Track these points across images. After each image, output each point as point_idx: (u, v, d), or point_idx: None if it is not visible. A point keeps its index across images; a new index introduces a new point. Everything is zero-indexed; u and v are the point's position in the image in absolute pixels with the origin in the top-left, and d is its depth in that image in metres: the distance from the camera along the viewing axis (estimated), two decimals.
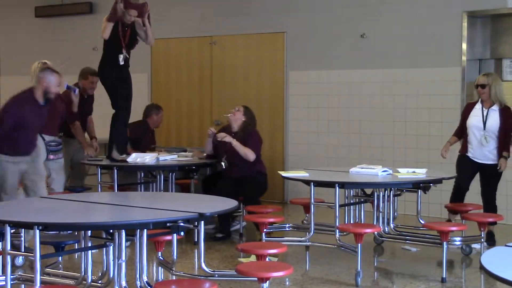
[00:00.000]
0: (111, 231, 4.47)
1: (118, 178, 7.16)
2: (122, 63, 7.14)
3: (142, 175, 7.71)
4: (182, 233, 4.47)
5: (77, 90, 7.47)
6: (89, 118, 8.17)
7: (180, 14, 10.47)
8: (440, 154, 7.12)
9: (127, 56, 7.19)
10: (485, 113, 6.88)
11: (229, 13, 10.07)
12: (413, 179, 6.27)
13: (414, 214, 7.01)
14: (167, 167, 7.34)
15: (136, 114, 8.10)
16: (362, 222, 6.74)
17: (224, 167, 7.50)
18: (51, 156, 7.11)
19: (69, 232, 5.20)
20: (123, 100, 7.29)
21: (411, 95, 8.68)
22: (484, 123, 6.87)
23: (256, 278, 4.36)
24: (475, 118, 6.95)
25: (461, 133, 7.12)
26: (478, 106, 6.97)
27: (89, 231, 4.67)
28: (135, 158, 7.20)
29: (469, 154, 6.97)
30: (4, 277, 4.37)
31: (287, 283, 5.72)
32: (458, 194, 7.04)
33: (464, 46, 8.43)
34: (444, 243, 5.77)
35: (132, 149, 7.86)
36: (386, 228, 6.70)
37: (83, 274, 4.71)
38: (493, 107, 6.88)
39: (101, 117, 8.02)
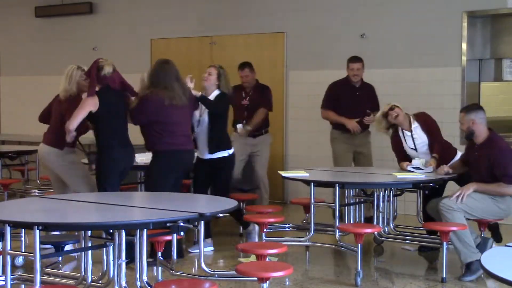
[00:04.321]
0: (111, 231, 4.47)
1: None
2: None
3: (143, 175, 7.70)
4: (182, 233, 4.47)
5: None
6: None
7: (180, 14, 10.47)
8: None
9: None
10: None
11: (229, 13, 10.07)
12: (413, 179, 6.26)
13: (414, 214, 7.01)
14: None
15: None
16: (362, 222, 6.75)
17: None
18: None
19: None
20: None
21: (411, 95, 8.67)
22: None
23: (256, 278, 4.36)
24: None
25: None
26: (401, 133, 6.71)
27: (89, 231, 4.68)
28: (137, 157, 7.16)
29: None
30: (4, 277, 4.37)
31: (287, 283, 5.72)
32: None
33: (464, 46, 8.43)
34: (444, 243, 5.77)
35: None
36: (386, 228, 6.70)
37: (83, 274, 4.71)
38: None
39: None
